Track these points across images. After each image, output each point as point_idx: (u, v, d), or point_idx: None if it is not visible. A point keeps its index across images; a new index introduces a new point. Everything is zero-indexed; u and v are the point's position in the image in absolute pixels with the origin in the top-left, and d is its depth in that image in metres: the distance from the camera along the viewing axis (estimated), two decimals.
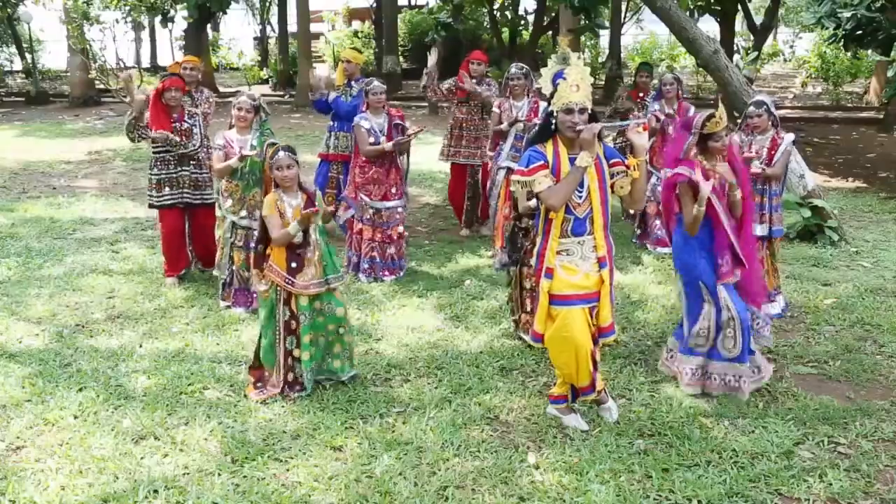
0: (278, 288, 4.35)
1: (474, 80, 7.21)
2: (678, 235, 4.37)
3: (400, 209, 6.44)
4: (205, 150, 6.13)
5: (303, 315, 4.37)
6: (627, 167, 3.81)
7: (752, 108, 5.46)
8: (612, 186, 3.85)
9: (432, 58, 7.47)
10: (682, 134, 4.32)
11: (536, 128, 4.25)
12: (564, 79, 3.72)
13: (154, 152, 6.09)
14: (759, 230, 5.45)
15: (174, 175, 6.08)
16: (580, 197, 3.78)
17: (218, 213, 5.87)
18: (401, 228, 6.50)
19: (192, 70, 7.19)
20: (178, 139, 5.94)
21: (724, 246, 4.24)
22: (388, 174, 6.34)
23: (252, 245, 5.54)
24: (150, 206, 6.23)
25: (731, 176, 4.27)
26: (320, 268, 4.38)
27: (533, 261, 3.98)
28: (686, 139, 4.25)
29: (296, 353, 4.40)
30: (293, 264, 4.33)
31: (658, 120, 7.03)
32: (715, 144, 4.21)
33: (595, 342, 3.95)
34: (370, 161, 6.30)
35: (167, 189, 6.09)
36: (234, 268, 5.69)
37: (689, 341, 4.41)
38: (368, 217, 6.38)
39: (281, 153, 4.31)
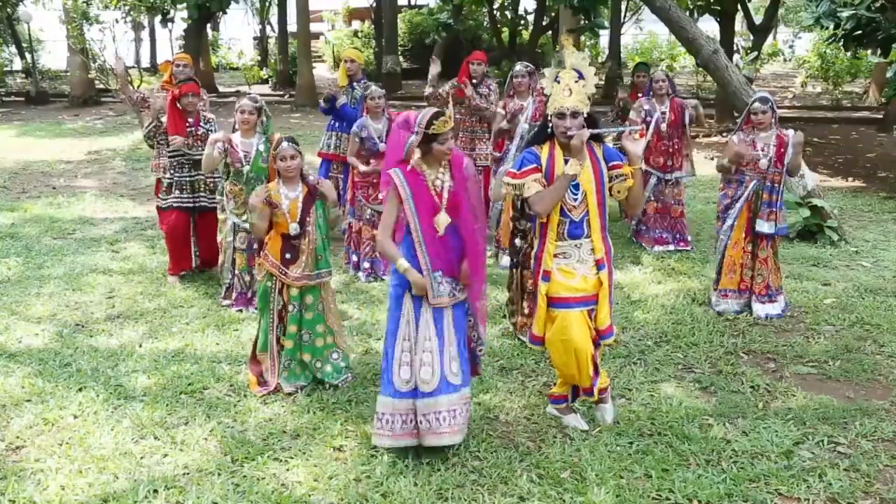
0: (273, 277, 4.40)
1: (474, 81, 7.21)
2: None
3: None
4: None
5: (292, 305, 4.42)
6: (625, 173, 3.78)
7: (757, 105, 5.43)
8: (610, 190, 3.81)
9: (435, 67, 7.47)
10: (401, 133, 3.73)
11: (534, 129, 4.22)
12: (558, 82, 3.69)
13: (170, 156, 6.11)
14: (767, 228, 5.47)
15: (188, 179, 6.11)
16: (575, 200, 3.73)
17: (220, 216, 5.87)
18: None
19: (185, 68, 7.18)
20: (195, 144, 5.98)
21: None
22: None
23: (254, 247, 5.58)
24: (159, 207, 6.29)
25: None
26: (312, 260, 4.40)
27: (531, 263, 3.95)
28: (406, 138, 3.69)
29: (281, 340, 4.47)
30: (287, 255, 4.38)
31: (649, 116, 7.05)
32: (440, 147, 3.64)
33: (596, 345, 3.92)
34: (370, 163, 6.31)
35: (177, 192, 6.12)
36: (235, 271, 5.69)
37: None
38: (367, 217, 6.39)
39: (285, 143, 4.36)
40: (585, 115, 3.70)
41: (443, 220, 3.66)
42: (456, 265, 3.72)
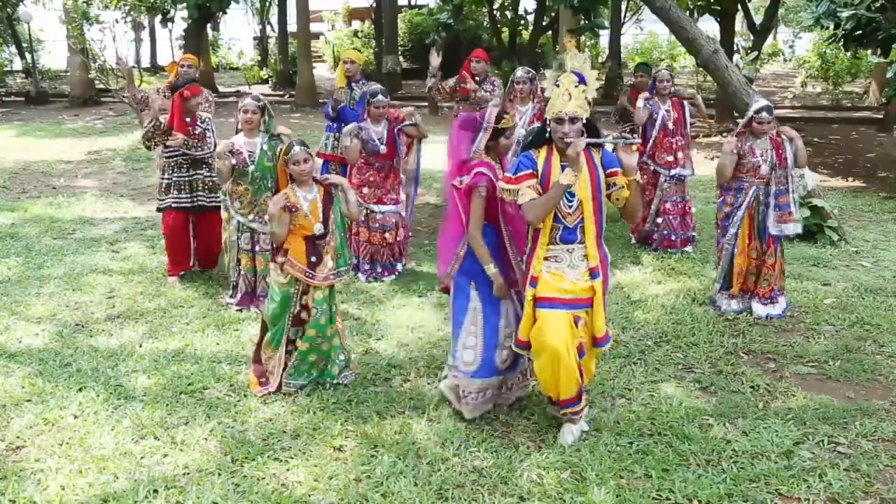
0: (297, 281, 4.36)
1: (477, 79, 7.22)
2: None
3: (394, 214, 6.42)
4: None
5: (315, 309, 4.38)
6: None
7: (765, 115, 5.41)
8: (609, 196, 3.75)
9: (434, 59, 7.46)
10: (464, 134, 4.01)
11: (532, 133, 4.19)
12: (558, 86, 3.62)
13: (167, 157, 6.10)
14: (792, 229, 5.52)
15: (186, 179, 6.12)
16: (570, 207, 3.66)
17: (224, 214, 5.87)
18: (401, 232, 6.49)
19: (190, 68, 7.19)
20: (194, 143, 6.00)
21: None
22: (385, 179, 6.35)
23: (258, 247, 5.58)
24: (158, 209, 6.29)
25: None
26: (335, 259, 4.41)
27: (522, 267, 3.92)
28: (472, 139, 3.98)
29: (297, 342, 4.43)
30: (313, 258, 4.35)
31: (654, 113, 7.08)
32: (507, 141, 4.01)
33: (581, 354, 3.77)
34: (369, 164, 6.32)
35: (175, 192, 6.12)
36: (242, 271, 5.68)
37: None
38: (363, 219, 6.38)
39: (297, 148, 4.33)
40: (585, 121, 3.64)
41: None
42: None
